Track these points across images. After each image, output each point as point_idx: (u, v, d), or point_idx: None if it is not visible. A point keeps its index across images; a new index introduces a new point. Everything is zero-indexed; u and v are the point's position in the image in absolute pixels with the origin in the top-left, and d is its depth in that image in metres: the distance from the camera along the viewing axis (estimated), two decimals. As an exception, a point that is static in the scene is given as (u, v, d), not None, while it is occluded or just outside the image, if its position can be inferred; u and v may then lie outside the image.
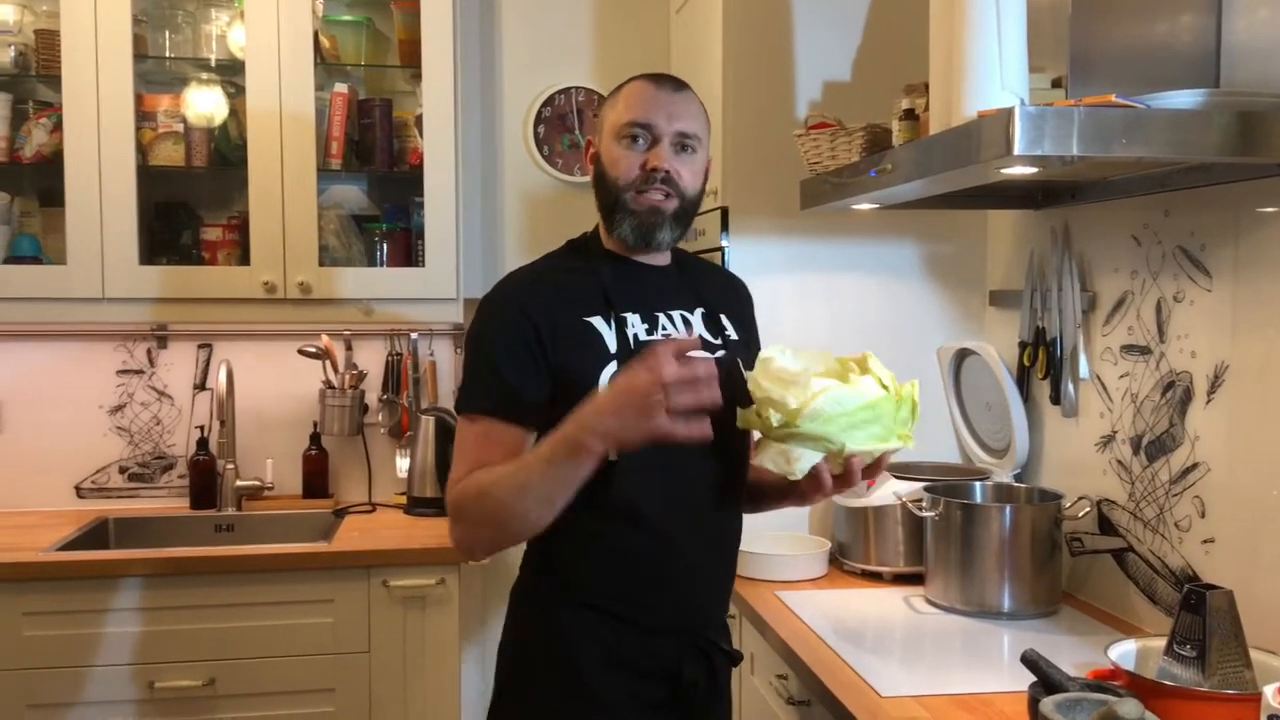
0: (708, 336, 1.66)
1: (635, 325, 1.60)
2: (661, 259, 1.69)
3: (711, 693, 1.67)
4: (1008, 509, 2.06)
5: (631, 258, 1.66)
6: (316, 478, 3.00)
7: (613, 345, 1.57)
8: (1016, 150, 1.42)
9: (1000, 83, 1.56)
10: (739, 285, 1.83)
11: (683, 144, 1.61)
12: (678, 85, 1.67)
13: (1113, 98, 1.44)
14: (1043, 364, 2.18)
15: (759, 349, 1.65)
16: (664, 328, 1.63)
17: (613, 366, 1.54)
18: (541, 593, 1.65)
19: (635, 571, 1.59)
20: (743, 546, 2.30)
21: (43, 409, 2.94)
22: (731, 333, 1.70)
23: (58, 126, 2.68)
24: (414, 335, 3.03)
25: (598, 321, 1.58)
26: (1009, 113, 1.43)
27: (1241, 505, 1.71)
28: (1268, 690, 1.26)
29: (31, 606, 2.39)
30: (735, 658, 1.72)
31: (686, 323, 1.66)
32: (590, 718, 1.59)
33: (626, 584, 1.59)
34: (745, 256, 2.44)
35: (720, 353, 1.64)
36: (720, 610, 1.73)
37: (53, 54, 2.66)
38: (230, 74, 2.81)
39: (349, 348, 3.01)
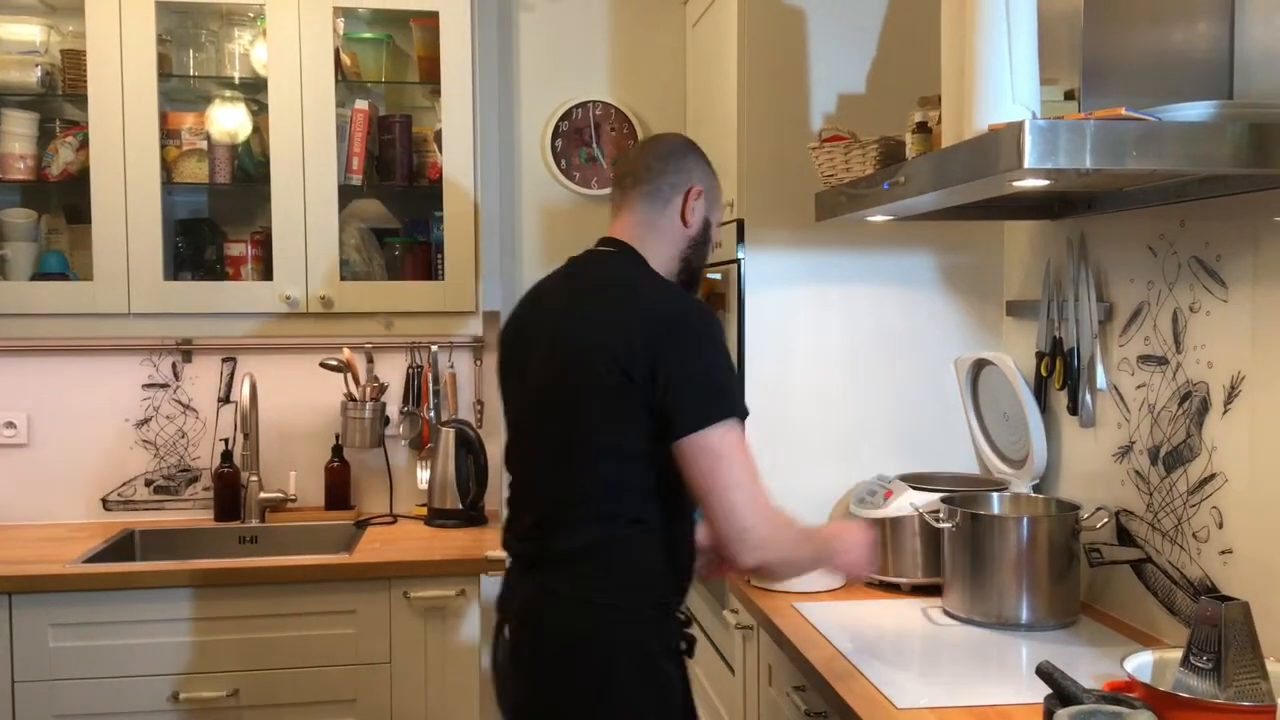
0: None
1: None
2: None
3: None
4: (1025, 520, 2.05)
5: None
6: (338, 489, 3.03)
7: None
8: (1027, 163, 1.43)
9: (1011, 96, 1.56)
10: None
11: None
12: None
13: (1123, 111, 1.45)
14: (1060, 374, 2.18)
15: None
16: None
17: None
18: (633, 608, 1.73)
19: (688, 571, 1.83)
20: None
21: (70, 423, 2.99)
22: None
23: (84, 145, 2.73)
24: (434, 348, 3.05)
25: None
26: (1020, 126, 1.43)
27: (1260, 516, 1.70)
28: (1283, 702, 1.26)
29: (58, 618, 2.43)
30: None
31: None
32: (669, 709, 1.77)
33: (683, 584, 1.82)
34: (761, 268, 2.45)
35: None
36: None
37: (79, 73, 2.71)
38: (253, 91, 2.85)
39: (370, 361, 3.04)
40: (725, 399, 1.65)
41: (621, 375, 1.63)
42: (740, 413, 1.68)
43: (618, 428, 1.67)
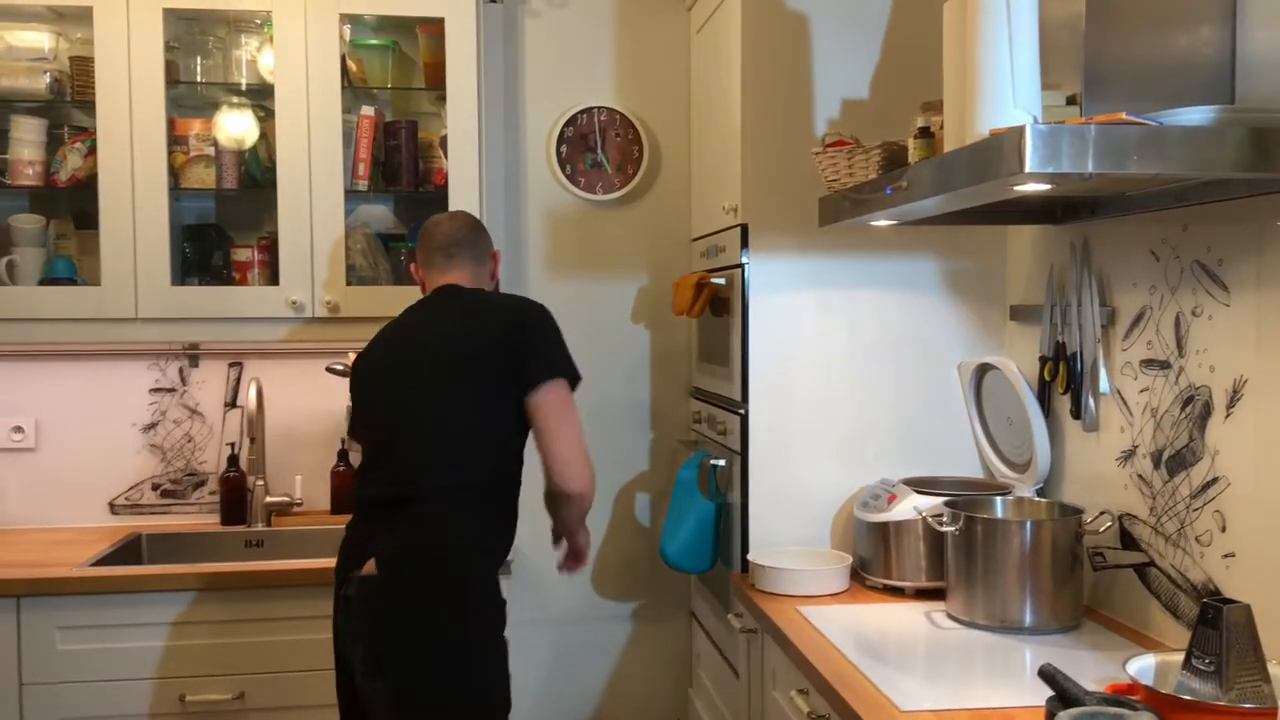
0: None
1: None
2: None
3: None
4: (1029, 524, 2.06)
5: None
6: (344, 494, 3.03)
7: None
8: (1028, 168, 1.44)
9: (1013, 100, 1.57)
10: None
11: None
12: None
13: (1123, 115, 1.45)
14: (1063, 378, 2.18)
15: None
16: None
17: None
18: (496, 558, 2.16)
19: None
20: (764, 561, 2.34)
21: (77, 427, 3.00)
22: None
23: (92, 151, 2.75)
24: (440, 353, 3.06)
25: None
26: (1021, 130, 1.44)
27: (1262, 519, 1.71)
28: (1284, 704, 1.26)
29: (66, 621, 2.44)
30: None
31: None
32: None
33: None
34: (765, 273, 2.47)
35: None
36: None
37: (87, 80, 2.73)
38: (260, 98, 2.87)
39: (376, 365, 3.05)
40: (570, 364, 2.17)
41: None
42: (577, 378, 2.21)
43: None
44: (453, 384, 2.14)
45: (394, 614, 2.04)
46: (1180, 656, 1.51)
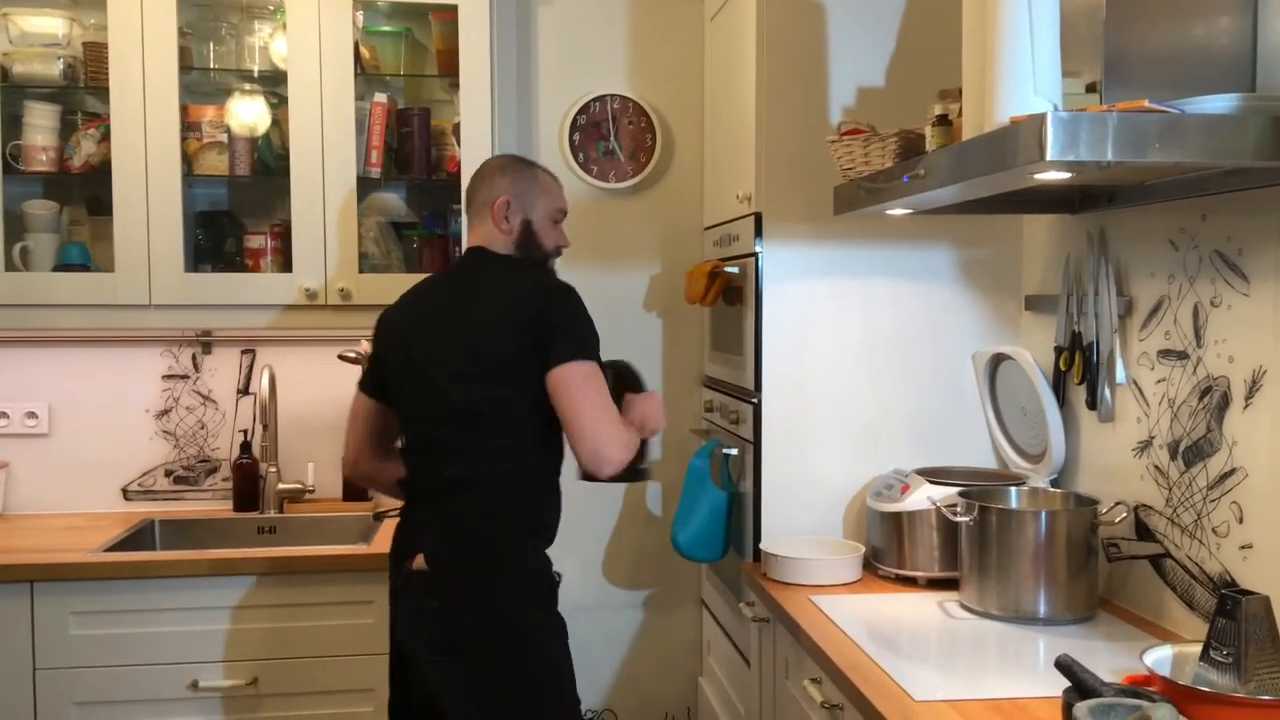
0: None
1: None
2: None
3: None
4: (1043, 514, 2.05)
5: None
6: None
7: None
8: (1049, 156, 1.42)
9: (1034, 88, 1.56)
10: None
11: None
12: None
13: (1146, 103, 1.44)
14: (1079, 369, 2.17)
15: None
16: None
17: None
18: (536, 538, 2.12)
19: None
20: (777, 551, 2.33)
21: (91, 413, 3.01)
22: None
23: (105, 137, 2.75)
24: (452, 341, 3.06)
25: None
26: (1041, 118, 1.43)
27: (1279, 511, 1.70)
28: (1304, 696, 1.26)
29: (79, 606, 2.45)
30: None
31: None
32: (563, 629, 2.13)
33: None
34: (779, 262, 2.46)
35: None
36: None
37: (100, 66, 2.73)
38: (273, 84, 2.87)
39: (388, 353, 3.05)
40: (591, 345, 2.10)
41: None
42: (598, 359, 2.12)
43: None
44: (483, 370, 2.08)
45: (452, 606, 2.02)
46: (1197, 648, 1.51)
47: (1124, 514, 2.04)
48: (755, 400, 2.48)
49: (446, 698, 2.04)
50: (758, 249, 2.46)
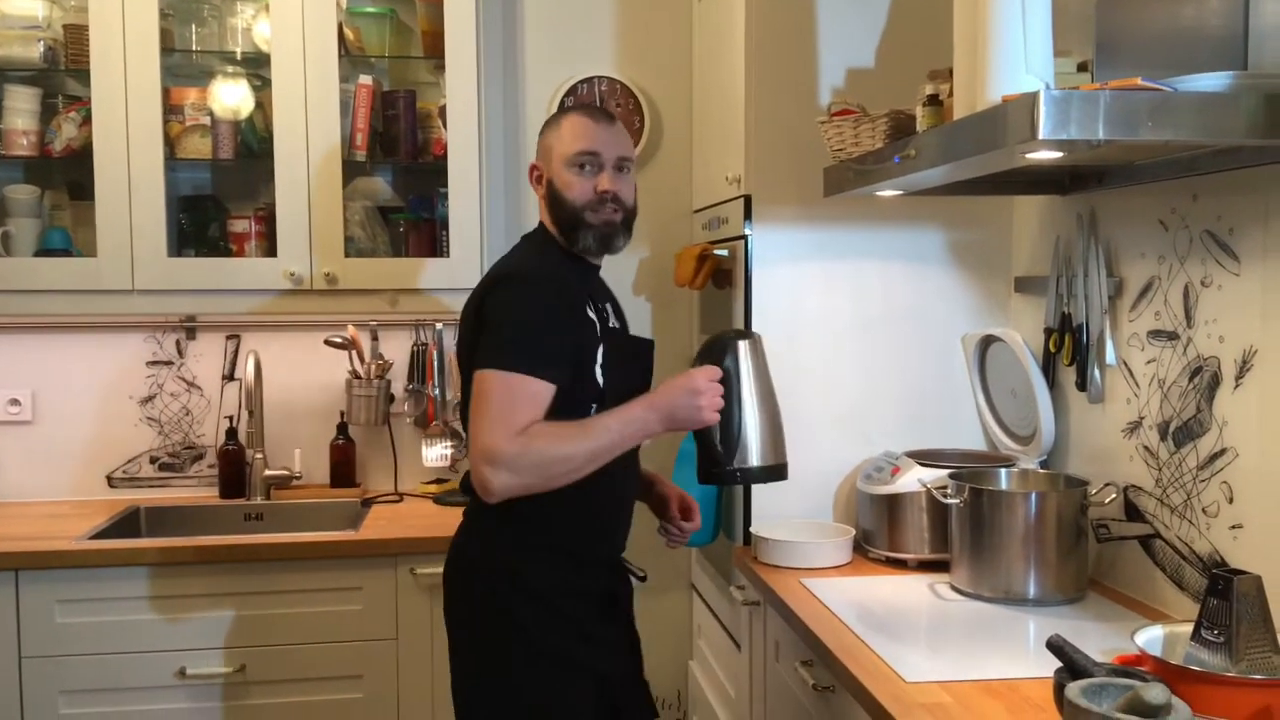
0: (620, 324, 2.05)
1: (604, 313, 1.96)
2: (599, 262, 2.02)
3: (631, 604, 2.08)
4: (1033, 496, 2.05)
5: (587, 260, 1.99)
6: (344, 467, 3.03)
7: (598, 330, 1.91)
8: (1041, 134, 1.41)
9: (1025, 67, 1.55)
10: None
11: (620, 166, 1.95)
12: (610, 118, 2.00)
13: (1138, 81, 1.43)
14: (1069, 350, 2.17)
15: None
16: (610, 316, 1.99)
17: (602, 347, 1.90)
18: (519, 543, 1.90)
19: (585, 514, 1.92)
20: (767, 534, 2.33)
21: (74, 400, 2.99)
22: (623, 319, 2.09)
23: (87, 120, 2.71)
24: (439, 325, 3.04)
25: (589, 310, 1.91)
26: (1034, 97, 1.42)
27: (1270, 490, 1.70)
28: (1296, 675, 1.26)
29: (64, 594, 2.43)
30: (642, 575, 2.10)
31: (617, 311, 2.05)
32: (572, 640, 1.90)
33: (576, 525, 1.92)
34: (769, 244, 2.44)
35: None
36: (626, 538, 2.09)
37: (81, 48, 2.69)
38: (256, 67, 2.83)
39: (375, 338, 3.03)
40: (511, 354, 1.80)
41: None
42: (525, 368, 1.79)
43: None
44: (464, 368, 1.93)
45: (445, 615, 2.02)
46: (1188, 628, 1.51)
47: (1114, 495, 2.05)
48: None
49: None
50: (747, 231, 2.44)
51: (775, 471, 1.95)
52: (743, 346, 1.94)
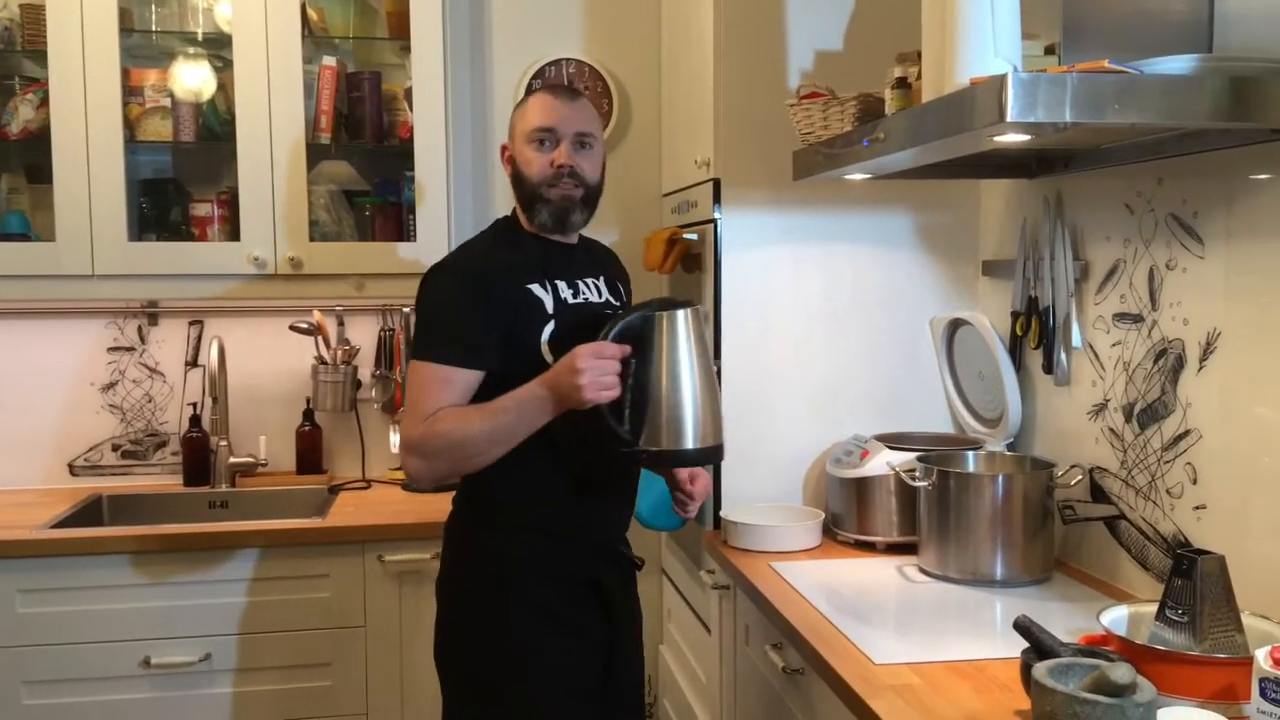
0: (610, 299, 2.03)
1: (563, 290, 1.93)
2: (571, 239, 2.02)
3: (623, 594, 2.03)
4: (1000, 478, 2.06)
5: (550, 238, 1.98)
6: (310, 454, 3.00)
7: (550, 307, 1.90)
8: (1009, 117, 1.41)
9: (993, 50, 1.55)
10: (618, 259, 2.18)
11: (581, 142, 1.93)
12: (573, 94, 2.00)
13: (1105, 63, 1.43)
14: (1035, 333, 2.18)
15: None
16: (583, 292, 1.97)
17: (551, 324, 1.88)
18: (481, 520, 1.95)
19: (560, 495, 1.91)
20: (736, 518, 2.33)
21: (34, 387, 2.94)
22: (621, 295, 2.08)
23: (44, 102, 2.66)
24: (406, 310, 3.01)
25: (536, 288, 1.90)
26: (1002, 79, 1.42)
27: (1233, 471, 1.71)
28: (1259, 654, 1.27)
29: (26, 584, 2.40)
30: (639, 563, 2.06)
31: (598, 287, 2.01)
32: (533, 622, 1.89)
33: (553, 506, 1.92)
34: (738, 228, 2.44)
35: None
36: (625, 525, 2.06)
37: (38, 28, 2.64)
38: (217, 48, 2.79)
39: (341, 323, 3.00)
40: (425, 344, 1.87)
41: None
42: (436, 357, 1.84)
43: None
44: None
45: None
46: (1152, 608, 1.52)
47: (1079, 477, 2.06)
48: (715, 367, 2.46)
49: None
50: (716, 215, 2.44)
51: (707, 454, 1.83)
52: (663, 320, 1.79)
